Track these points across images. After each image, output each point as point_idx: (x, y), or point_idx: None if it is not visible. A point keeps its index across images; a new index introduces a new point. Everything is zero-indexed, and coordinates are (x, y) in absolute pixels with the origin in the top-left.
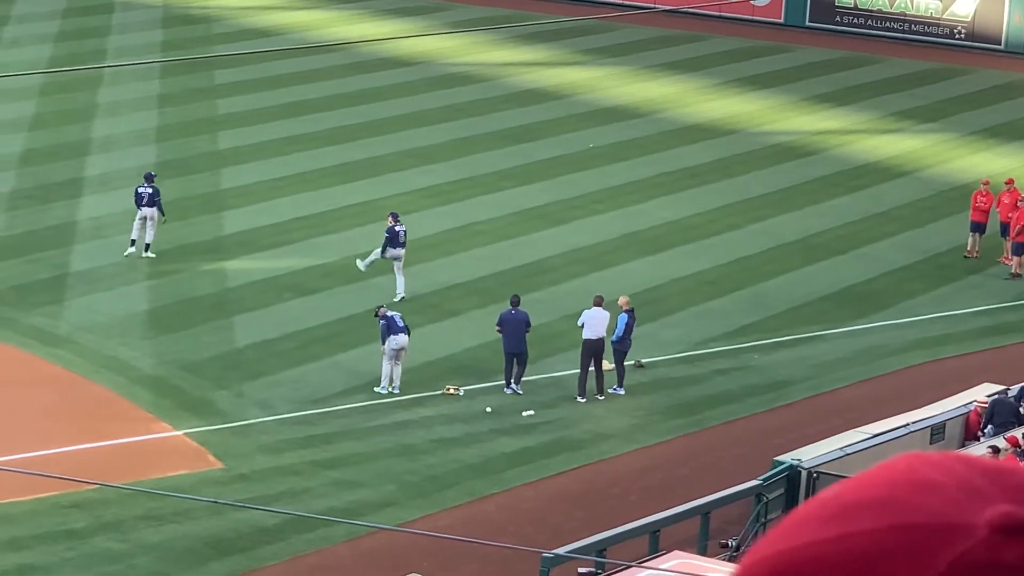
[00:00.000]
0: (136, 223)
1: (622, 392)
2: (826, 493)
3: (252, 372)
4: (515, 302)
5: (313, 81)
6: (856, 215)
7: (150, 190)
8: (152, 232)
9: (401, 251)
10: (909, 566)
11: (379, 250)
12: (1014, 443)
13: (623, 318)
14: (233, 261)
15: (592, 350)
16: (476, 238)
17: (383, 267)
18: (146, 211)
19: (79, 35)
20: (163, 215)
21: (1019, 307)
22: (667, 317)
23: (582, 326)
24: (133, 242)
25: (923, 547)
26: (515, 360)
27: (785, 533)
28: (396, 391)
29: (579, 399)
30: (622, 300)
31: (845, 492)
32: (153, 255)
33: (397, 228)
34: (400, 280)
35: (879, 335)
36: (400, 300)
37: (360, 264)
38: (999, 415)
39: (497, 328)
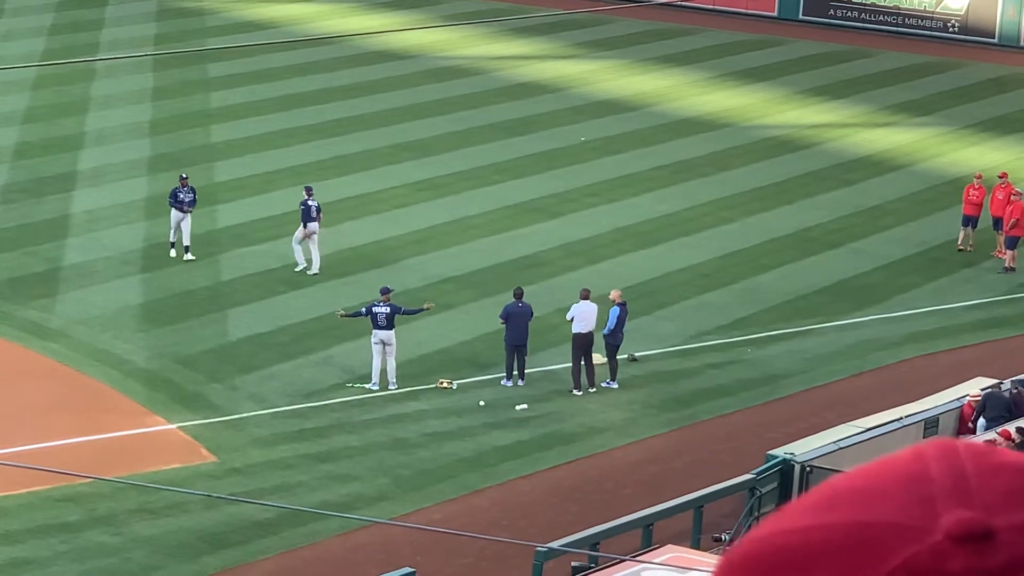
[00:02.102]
0: (176, 225)
1: (615, 386)
2: (831, 480)
3: (245, 366)
4: (519, 295)
5: (307, 74)
6: (850, 209)
7: (192, 194)
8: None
9: (315, 225)
10: (858, 564)
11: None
12: (1007, 436)
13: (614, 311)
14: (227, 254)
15: (583, 344)
16: (470, 231)
17: (377, 258)
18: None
19: (73, 28)
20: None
21: (1013, 301)
22: (661, 310)
23: (571, 320)
24: (173, 244)
25: (876, 547)
26: (516, 352)
27: (776, 518)
28: (393, 386)
29: (575, 392)
30: (614, 294)
31: (841, 480)
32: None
33: (309, 202)
34: (300, 253)
35: (873, 329)
36: (313, 274)
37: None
38: (991, 409)
39: (501, 320)
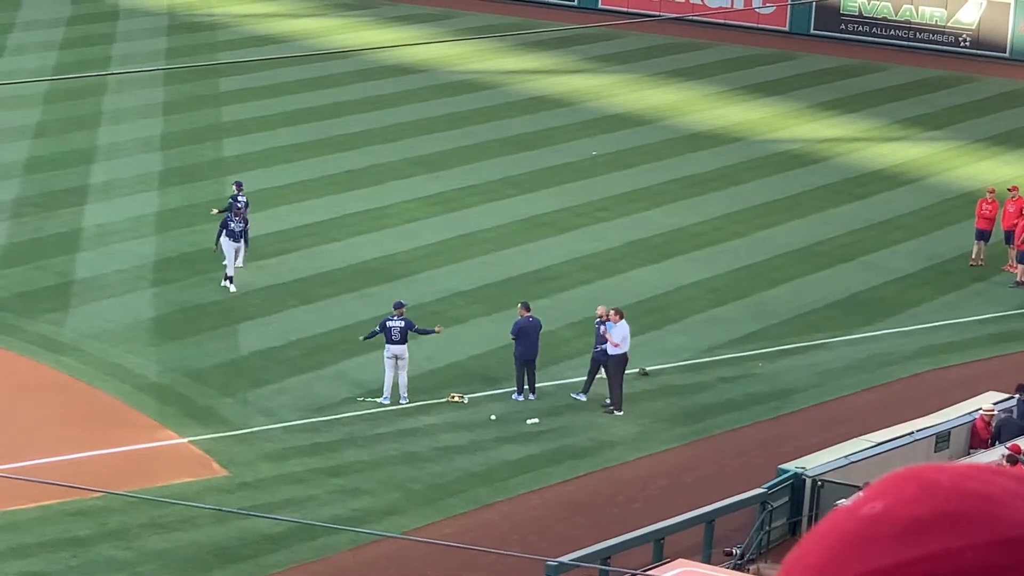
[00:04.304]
0: (231, 256)
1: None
2: (856, 512)
3: (257, 380)
4: (527, 308)
5: (318, 88)
6: (861, 223)
7: (243, 224)
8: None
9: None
10: None
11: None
12: (1016, 451)
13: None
14: (237, 268)
15: (625, 363)
16: (481, 245)
17: (387, 273)
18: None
19: (84, 42)
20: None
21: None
22: (672, 325)
23: (622, 340)
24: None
25: None
26: (526, 366)
27: (845, 556)
28: (404, 401)
29: (617, 412)
30: (607, 309)
31: (892, 509)
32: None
33: (239, 198)
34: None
35: (884, 343)
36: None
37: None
38: (1006, 433)
39: (512, 336)
